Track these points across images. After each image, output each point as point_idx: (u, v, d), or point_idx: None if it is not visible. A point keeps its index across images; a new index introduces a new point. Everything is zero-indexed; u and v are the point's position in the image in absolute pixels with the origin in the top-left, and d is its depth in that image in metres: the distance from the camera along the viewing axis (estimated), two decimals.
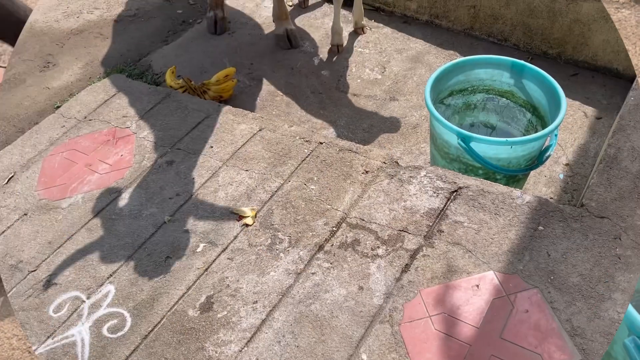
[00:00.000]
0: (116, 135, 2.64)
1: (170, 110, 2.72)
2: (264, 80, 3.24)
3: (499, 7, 3.16)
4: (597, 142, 2.67)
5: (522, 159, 2.15)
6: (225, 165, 2.37)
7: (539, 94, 2.32)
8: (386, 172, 2.20)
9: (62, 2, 3.94)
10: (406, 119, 2.91)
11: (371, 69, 3.26)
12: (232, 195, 2.22)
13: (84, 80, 3.24)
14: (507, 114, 2.51)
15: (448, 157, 2.28)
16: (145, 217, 2.19)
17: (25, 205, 2.34)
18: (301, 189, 2.19)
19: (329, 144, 2.39)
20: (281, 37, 3.43)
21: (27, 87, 3.23)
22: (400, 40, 3.44)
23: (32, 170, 2.51)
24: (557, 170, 2.56)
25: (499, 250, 1.82)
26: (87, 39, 3.59)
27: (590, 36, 2.94)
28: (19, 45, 3.54)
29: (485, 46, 3.32)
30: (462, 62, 2.41)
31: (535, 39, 3.14)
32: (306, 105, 3.07)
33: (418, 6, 3.49)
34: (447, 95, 2.49)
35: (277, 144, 2.44)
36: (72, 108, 2.84)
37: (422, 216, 1.98)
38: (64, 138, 2.66)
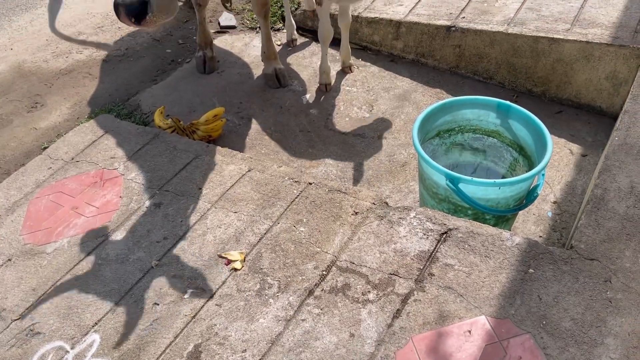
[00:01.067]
0: (103, 177, 2.62)
1: (159, 151, 2.71)
2: (253, 119, 3.26)
3: (483, 47, 3.23)
4: (583, 179, 2.69)
5: (511, 199, 2.16)
6: (213, 207, 2.35)
7: (525, 134, 2.35)
8: (376, 213, 2.19)
9: (51, 42, 3.96)
10: (394, 157, 2.93)
11: (359, 107, 3.29)
12: (220, 239, 2.19)
13: (72, 121, 3.24)
14: (495, 153, 2.53)
15: (437, 197, 2.28)
16: (132, 262, 2.16)
17: (10, 250, 2.30)
18: (290, 231, 2.18)
19: (318, 185, 2.39)
20: (270, 76, 3.46)
21: (14, 127, 3.21)
22: (388, 78, 3.49)
23: (17, 213, 2.48)
24: (545, 209, 2.57)
25: (490, 294, 1.81)
26: (76, 79, 3.59)
27: (573, 75, 3.00)
28: (7, 85, 3.54)
29: (471, 84, 3.38)
30: (449, 102, 2.44)
31: (519, 78, 3.20)
32: (295, 144, 3.08)
33: (404, 45, 3.55)
34: (434, 135, 2.51)
35: (266, 185, 2.43)
36: (60, 149, 2.82)
37: (412, 259, 1.97)
38: (50, 180, 2.64)
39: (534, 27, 3.08)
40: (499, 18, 3.25)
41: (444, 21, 3.35)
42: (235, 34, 4.03)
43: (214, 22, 4.11)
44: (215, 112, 2.98)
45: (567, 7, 3.20)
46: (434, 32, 3.37)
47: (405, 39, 3.52)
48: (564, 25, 3.04)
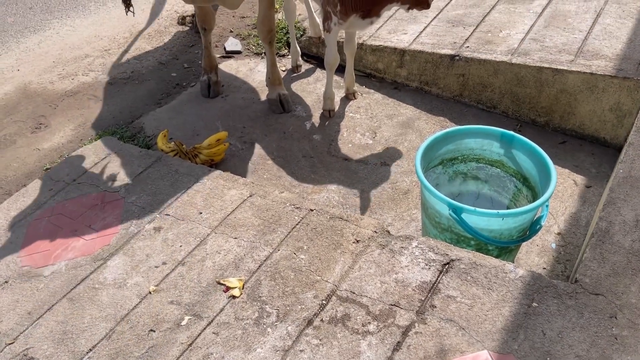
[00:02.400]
0: (104, 199, 2.61)
1: (161, 175, 2.70)
2: (255, 144, 3.26)
3: (487, 76, 3.24)
4: (587, 210, 2.67)
5: (514, 230, 2.13)
6: (214, 233, 2.33)
7: (529, 164, 2.33)
8: (377, 241, 2.17)
9: (58, 64, 3.99)
10: (397, 185, 2.91)
11: (362, 133, 3.29)
12: (219, 265, 2.17)
13: (76, 142, 3.24)
14: (498, 183, 2.52)
15: (439, 227, 2.26)
16: (130, 287, 2.13)
17: (7, 272, 2.27)
18: (290, 258, 2.15)
19: (320, 212, 2.37)
20: (274, 101, 3.47)
21: (17, 148, 3.22)
22: (391, 106, 3.50)
23: (16, 235, 2.46)
24: (549, 240, 2.54)
25: (492, 327, 1.77)
26: (81, 101, 3.61)
27: (576, 106, 3.00)
28: (12, 106, 3.56)
29: (475, 113, 3.38)
30: (452, 131, 2.44)
31: (523, 107, 3.20)
32: (297, 169, 3.07)
33: (408, 73, 3.57)
34: (437, 163, 2.50)
35: (267, 211, 2.41)
36: (62, 171, 2.81)
37: (414, 290, 1.94)
38: (51, 202, 2.62)
39: (537, 57, 3.10)
40: (502, 48, 3.27)
41: (448, 50, 3.37)
42: (240, 59, 4.06)
43: (220, 46, 4.15)
44: (218, 137, 2.98)
45: (570, 38, 3.22)
46: (438, 60, 3.39)
47: (409, 67, 3.54)
48: (568, 56, 3.06)
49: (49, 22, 4.52)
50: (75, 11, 4.70)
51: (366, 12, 2.88)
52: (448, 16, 3.75)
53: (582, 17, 3.42)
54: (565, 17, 3.46)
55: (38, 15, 4.61)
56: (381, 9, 2.88)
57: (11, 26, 4.45)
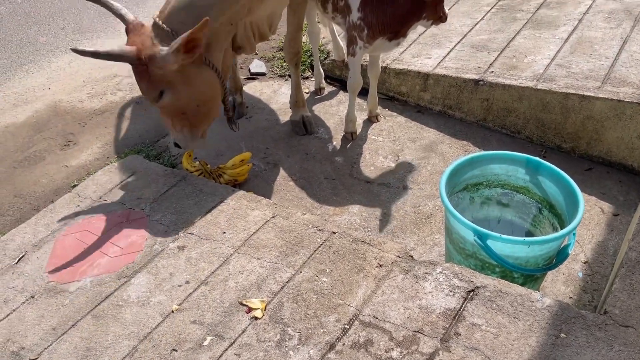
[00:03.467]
0: (130, 217, 2.64)
1: (185, 194, 2.73)
2: (278, 164, 3.28)
3: (511, 101, 3.23)
4: (615, 239, 2.62)
5: (540, 258, 2.10)
6: (237, 253, 2.34)
7: (555, 191, 2.30)
8: (401, 266, 2.15)
9: (87, 83, 4.09)
10: (420, 209, 2.90)
11: (385, 156, 3.29)
12: (242, 285, 2.17)
13: (102, 160, 3.30)
14: (523, 210, 2.49)
15: (464, 253, 2.23)
16: (153, 305, 2.14)
17: (33, 287, 2.31)
18: (313, 281, 2.15)
19: (342, 234, 2.36)
20: (297, 123, 3.50)
21: (46, 164, 3.29)
22: (414, 129, 3.50)
23: (43, 250, 2.50)
24: (575, 268, 2.49)
25: (519, 358, 1.74)
26: (109, 119, 3.69)
27: (603, 132, 2.97)
28: (42, 123, 3.65)
29: (499, 137, 3.37)
30: (477, 157, 2.42)
31: (548, 133, 3.18)
32: (319, 191, 3.08)
33: (431, 97, 3.58)
34: (462, 188, 2.48)
35: (290, 232, 2.42)
36: (88, 188, 2.87)
37: (438, 316, 1.91)
38: (77, 218, 2.67)
39: (563, 83, 3.08)
40: (527, 74, 3.26)
41: (472, 75, 3.37)
42: (264, 80, 4.12)
43: (245, 68, 4.22)
44: (242, 157, 3.01)
45: (597, 65, 3.20)
46: (462, 85, 3.39)
47: (433, 91, 3.55)
48: (595, 83, 3.03)
49: (80, 43, 4.65)
50: (106, 32, 4.83)
51: (394, 34, 2.91)
52: (472, 41, 3.77)
53: (609, 44, 3.40)
54: (592, 44, 3.45)
55: (69, 35, 4.75)
56: (408, 29, 2.91)
57: (43, 46, 4.59)
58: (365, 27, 2.89)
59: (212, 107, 2.73)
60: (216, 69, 2.61)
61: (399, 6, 2.76)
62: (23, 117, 3.76)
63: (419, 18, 2.81)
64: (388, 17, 2.81)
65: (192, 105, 2.62)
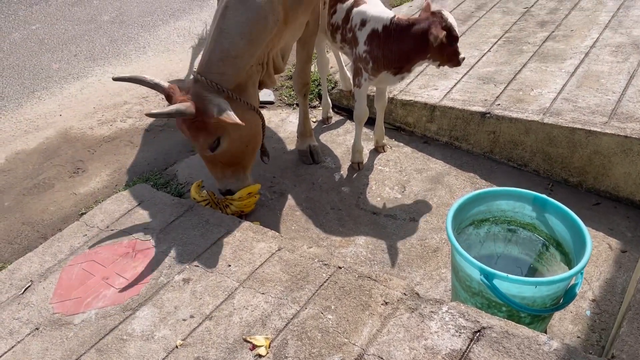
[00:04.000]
0: (136, 247, 2.65)
1: (192, 224, 2.75)
2: (285, 194, 3.29)
3: (518, 135, 3.24)
4: (623, 277, 2.59)
5: (547, 298, 2.08)
6: (241, 287, 2.34)
7: (562, 229, 2.29)
8: (406, 304, 2.14)
9: (98, 110, 4.15)
10: (426, 242, 2.89)
11: (391, 187, 3.30)
12: (246, 321, 2.16)
13: (111, 188, 3.33)
14: (530, 246, 2.48)
15: (470, 291, 2.22)
16: (157, 340, 2.14)
17: (39, 318, 2.31)
18: (318, 318, 2.14)
19: (348, 270, 2.36)
20: (304, 152, 3.52)
21: (54, 192, 3.32)
22: (421, 160, 3.51)
23: (49, 280, 2.51)
24: (583, 307, 2.47)
25: None
26: (118, 147, 3.73)
27: (611, 167, 2.96)
28: (52, 150, 3.70)
29: (505, 170, 3.37)
30: (484, 193, 2.42)
31: (555, 167, 3.18)
32: (325, 221, 3.08)
33: (438, 128, 3.59)
34: (468, 224, 2.48)
35: (295, 266, 2.41)
36: (96, 216, 2.89)
37: (443, 357, 1.89)
38: (84, 248, 2.68)
39: (570, 118, 3.09)
40: (534, 107, 3.27)
41: (478, 107, 3.39)
42: (272, 109, 4.15)
43: None
44: (250, 190, 3.01)
45: (604, 99, 3.21)
46: (469, 117, 3.41)
47: (440, 122, 3.56)
48: (601, 118, 3.04)
49: (92, 70, 4.72)
50: (117, 59, 4.91)
51: (398, 69, 2.94)
52: (479, 73, 3.79)
53: (615, 78, 3.41)
54: (598, 78, 3.46)
55: (82, 62, 4.83)
56: (412, 66, 2.94)
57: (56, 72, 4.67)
58: (371, 60, 2.93)
59: (257, 144, 2.94)
60: (253, 107, 2.77)
61: (404, 44, 2.80)
62: (34, 144, 3.81)
63: (424, 58, 2.84)
64: (393, 53, 2.86)
65: (243, 146, 2.80)
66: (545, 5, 4.75)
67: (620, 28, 4.08)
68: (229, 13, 2.55)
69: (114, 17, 5.87)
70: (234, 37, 2.56)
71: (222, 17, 2.55)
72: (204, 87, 2.56)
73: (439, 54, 2.78)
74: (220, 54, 2.57)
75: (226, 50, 2.57)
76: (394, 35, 2.83)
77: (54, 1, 6.29)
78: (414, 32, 2.77)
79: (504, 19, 4.61)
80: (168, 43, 5.27)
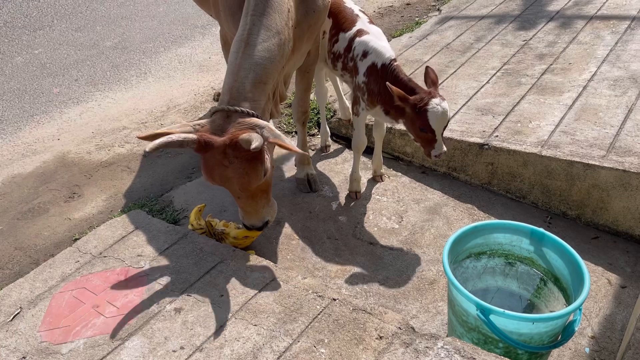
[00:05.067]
0: (128, 274, 2.61)
1: (185, 252, 2.71)
2: (281, 222, 3.26)
3: (516, 167, 3.23)
4: (623, 313, 2.55)
5: (545, 335, 2.04)
6: (234, 318, 2.29)
7: (560, 264, 2.26)
8: (401, 339, 2.09)
9: (96, 135, 4.15)
10: (423, 274, 2.85)
11: (388, 217, 3.27)
12: (237, 354, 2.11)
13: (106, 213, 3.30)
14: (527, 280, 2.44)
15: (466, 325, 2.17)
16: None
17: (26, 347, 2.26)
18: (310, 352, 2.09)
19: (343, 302, 2.32)
20: (302, 180, 3.51)
21: (49, 216, 3.29)
22: (418, 190, 3.49)
23: (39, 307, 2.46)
24: (582, 343, 2.42)
25: None
26: (115, 172, 3.71)
27: (609, 201, 2.94)
28: (49, 174, 3.68)
29: (503, 202, 3.34)
30: (481, 226, 2.40)
31: (553, 199, 3.16)
32: (321, 251, 3.05)
33: None
34: (465, 257, 2.44)
35: (289, 298, 2.37)
36: (89, 242, 2.85)
37: None
38: (76, 274, 2.64)
39: (568, 151, 3.08)
40: (532, 139, 3.27)
41: (477, 138, 3.39)
42: None
43: None
44: (246, 233, 2.92)
45: (602, 133, 3.21)
46: (467, 148, 3.40)
47: None
48: (600, 151, 3.03)
49: (92, 94, 4.75)
50: (118, 84, 4.94)
51: (387, 111, 2.92)
52: (477, 104, 3.81)
53: (614, 112, 3.42)
54: (596, 111, 3.47)
55: (82, 87, 4.86)
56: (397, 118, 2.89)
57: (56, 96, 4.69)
58: (367, 92, 2.95)
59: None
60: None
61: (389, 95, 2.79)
62: (30, 168, 3.80)
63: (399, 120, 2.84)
64: (385, 94, 2.83)
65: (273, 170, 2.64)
66: (543, 38, 4.80)
67: (618, 62, 4.11)
68: (253, 39, 2.45)
69: (117, 43, 5.93)
70: (265, 62, 2.46)
71: (247, 43, 2.45)
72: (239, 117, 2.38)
73: (411, 129, 2.76)
74: (253, 80, 2.45)
75: (259, 77, 2.45)
76: (389, 79, 2.81)
77: (58, 26, 6.37)
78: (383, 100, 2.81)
79: (502, 51, 4.65)
80: (169, 69, 5.31)
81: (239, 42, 2.48)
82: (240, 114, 2.38)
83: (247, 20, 2.49)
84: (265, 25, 2.49)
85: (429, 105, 2.58)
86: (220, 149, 2.32)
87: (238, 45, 2.48)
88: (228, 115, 2.39)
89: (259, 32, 2.47)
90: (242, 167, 2.36)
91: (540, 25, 5.11)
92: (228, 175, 2.39)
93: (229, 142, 2.32)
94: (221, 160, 2.35)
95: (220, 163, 2.36)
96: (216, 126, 2.38)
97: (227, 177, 2.40)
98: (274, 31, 2.51)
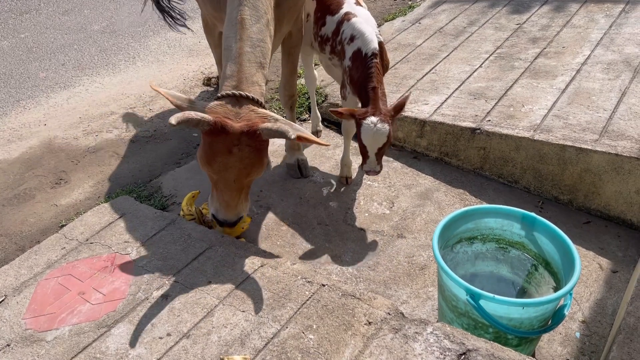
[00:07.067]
0: (115, 261, 2.57)
1: (173, 238, 2.67)
2: (271, 208, 3.23)
3: (508, 151, 3.19)
4: (614, 297, 2.54)
5: (535, 320, 2.02)
6: (221, 304, 2.26)
7: (551, 248, 2.24)
8: (390, 324, 2.07)
9: (84, 120, 4.08)
10: (413, 259, 2.83)
11: (379, 203, 3.24)
12: (225, 340, 2.09)
13: (93, 199, 3.25)
14: (519, 265, 2.42)
15: (456, 311, 2.15)
16: (131, 359, 2.05)
17: (10, 334, 2.22)
18: (299, 337, 2.06)
19: (332, 287, 2.29)
20: (292, 166, 3.47)
21: (35, 203, 3.24)
22: (410, 175, 3.46)
23: (23, 294, 2.42)
24: (572, 328, 2.41)
25: None
26: (102, 158, 3.66)
27: (601, 186, 2.92)
28: (35, 160, 3.62)
29: (495, 187, 3.32)
30: (471, 210, 2.37)
31: (545, 184, 3.13)
32: (312, 237, 3.02)
33: (428, 143, 3.55)
34: (456, 242, 2.42)
35: (278, 283, 2.34)
36: (76, 229, 2.81)
37: None
38: (62, 261, 2.60)
39: (560, 135, 3.05)
40: (525, 123, 3.24)
41: (469, 123, 3.35)
42: None
43: None
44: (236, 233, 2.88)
45: (595, 117, 3.18)
46: (459, 133, 3.37)
47: (430, 138, 3.52)
48: (592, 135, 3.01)
49: (79, 79, 4.66)
50: (106, 69, 4.86)
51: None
52: (470, 88, 3.76)
53: (607, 96, 3.39)
54: (589, 95, 3.44)
55: (69, 71, 4.77)
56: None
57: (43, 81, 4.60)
58: (349, 77, 2.91)
59: None
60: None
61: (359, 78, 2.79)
62: (16, 154, 3.73)
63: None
64: (358, 81, 2.81)
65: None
66: (537, 22, 4.75)
67: (612, 45, 4.07)
68: (247, 21, 2.38)
69: (105, 27, 5.83)
70: (262, 44, 2.41)
71: (243, 26, 2.37)
72: (248, 103, 2.33)
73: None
74: (255, 64, 2.39)
75: (259, 60, 2.40)
76: (363, 74, 2.77)
77: (45, 10, 6.25)
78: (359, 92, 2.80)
79: (496, 34, 4.60)
80: (158, 54, 5.22)
81: (232, 25, 2.41)
82: (250, 101, 2.33)
83: (235, 2, 2.42)
84: (254, 5, 2.42)
85: (365, 120, 2.64)
86: (235, 135, 2.26)
87: (232, 27, 2.41)
88: (238, 101, 2.32)
89: (250, 13, 2.41)
90: (249, 156, 2.31)
91: (534, 8, 5.05)
92: (230, 163, 2.32)
93: (246, 129, 2.26)
94: (231, 146, 2.28)
95: (228, 149, 2.29)
96: (228, 111, 2.30)
97: (228, 164, 2.33)
98: (262, 11, 2.45)
